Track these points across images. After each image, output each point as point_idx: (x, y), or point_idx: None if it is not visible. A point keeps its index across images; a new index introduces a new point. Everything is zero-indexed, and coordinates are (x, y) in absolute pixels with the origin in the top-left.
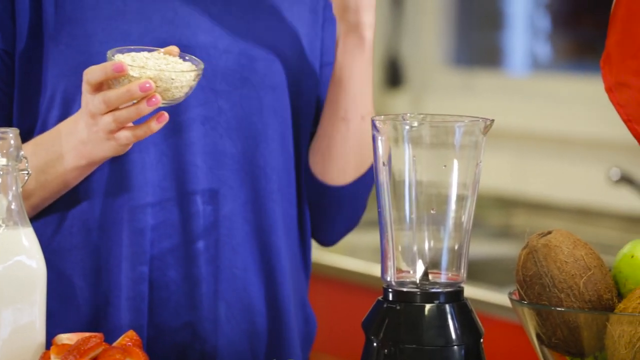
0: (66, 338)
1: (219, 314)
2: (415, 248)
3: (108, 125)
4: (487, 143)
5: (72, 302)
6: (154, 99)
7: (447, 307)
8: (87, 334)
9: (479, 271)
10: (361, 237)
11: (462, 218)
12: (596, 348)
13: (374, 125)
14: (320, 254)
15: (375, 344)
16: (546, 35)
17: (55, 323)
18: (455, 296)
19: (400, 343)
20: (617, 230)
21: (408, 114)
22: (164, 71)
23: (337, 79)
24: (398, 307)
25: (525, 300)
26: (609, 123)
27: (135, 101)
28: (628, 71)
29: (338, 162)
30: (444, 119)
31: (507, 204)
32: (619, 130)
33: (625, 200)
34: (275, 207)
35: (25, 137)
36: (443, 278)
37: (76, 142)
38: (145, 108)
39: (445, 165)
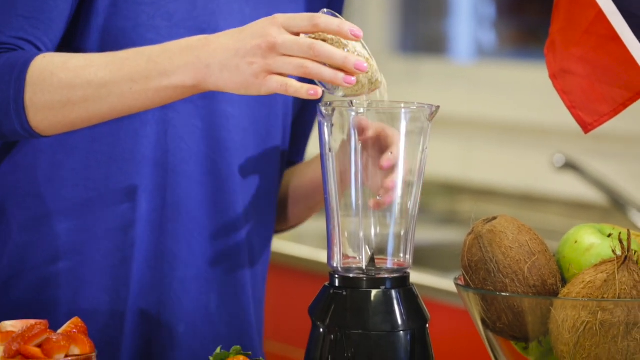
0: (10, 325)
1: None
2: (361, 234)
3: (282, 67)
4: (432, 130)
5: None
6: (352, 79)
7: (393, 292)
8: (31, 321)
9: (425, 257)
10: (307, 224)
11: (408, 204)
12: (540, 333)
13: (320, 112)
14: None
15: (321, 330)
16: (491, 23)
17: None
18: (402, 282)
19: (346, 328)
20: (561, 216)
21: (354, 101)
22: (378, 72)
23: None
24: (344, 293)
25: (470, 286)
26: (553, 110)
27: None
28: (572, 58)
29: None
30: (390, 106)
31: (452, 190)
32: (563, 116)
33: (569, 186)
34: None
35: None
36: (389, 264)
37: (196, 61)
38: (339, 79)
39: (391, 152)
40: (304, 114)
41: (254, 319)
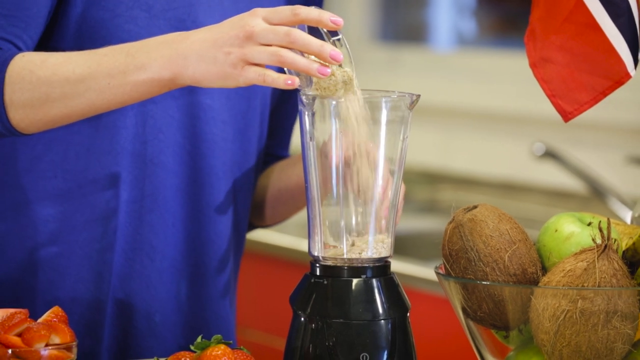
0: None
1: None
2: (342, 223)
3: (258, 56)
4: (413, 118)
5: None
6: (327, 70)
7: (374, 281)
8: (11, 310)
9: (406, 246)
10: None
11: (389, 193)
12: (521, 321)
13: (300, 101)
14: None
15: (302, 319)
16: (471, 11)
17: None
18: (382, 271)
19: (327, 317)
20: (541, 205)
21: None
22: (352, 79)
23: None
24: (325, 282)
25: (451, 275)
26: (533, 98)
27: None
28: (552, 47)
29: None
30: (370, 95)
31: (433, 179)
32: (543, 105)
33: (549, 175)
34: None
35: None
36: (370, 253)
37: (173, 53)
38: (313, 69)
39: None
40: (283, 106)
41: (227, 310)
